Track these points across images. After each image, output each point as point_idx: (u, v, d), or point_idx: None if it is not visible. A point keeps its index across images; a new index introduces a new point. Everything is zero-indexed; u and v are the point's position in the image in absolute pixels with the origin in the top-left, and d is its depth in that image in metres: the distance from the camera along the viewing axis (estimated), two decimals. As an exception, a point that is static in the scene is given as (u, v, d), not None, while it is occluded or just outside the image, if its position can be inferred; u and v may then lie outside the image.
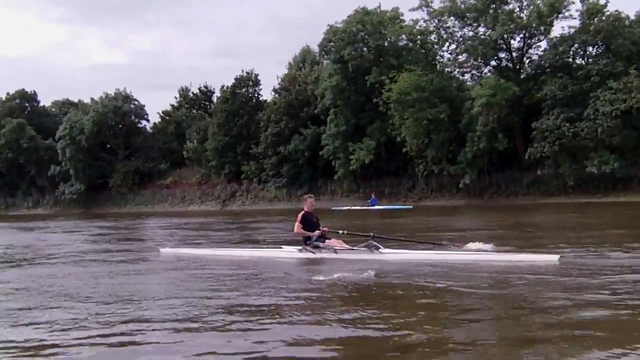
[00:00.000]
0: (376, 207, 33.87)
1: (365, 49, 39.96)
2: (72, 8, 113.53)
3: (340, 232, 10.93)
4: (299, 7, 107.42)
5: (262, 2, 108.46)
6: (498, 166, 37.00)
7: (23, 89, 64.32)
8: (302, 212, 11.01)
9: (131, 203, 53.61)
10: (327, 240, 10.76)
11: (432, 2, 37.94)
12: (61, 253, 14.32)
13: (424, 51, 39.29)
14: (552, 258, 9.23)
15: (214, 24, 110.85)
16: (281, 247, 11.81)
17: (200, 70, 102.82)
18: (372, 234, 10.70)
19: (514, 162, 37.23)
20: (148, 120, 56.98)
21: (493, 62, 38.21)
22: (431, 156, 37.18)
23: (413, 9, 38.42)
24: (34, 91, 64.71)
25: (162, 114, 57.91)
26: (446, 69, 39.16)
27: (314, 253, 10.62)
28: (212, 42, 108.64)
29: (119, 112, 54.06)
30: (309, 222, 10.87)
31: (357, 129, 39.84)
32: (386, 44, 39.65)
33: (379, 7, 40.11)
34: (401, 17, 39.66)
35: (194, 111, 58.37)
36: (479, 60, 37.67)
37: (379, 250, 10.29)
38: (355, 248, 10.52)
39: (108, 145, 56.18)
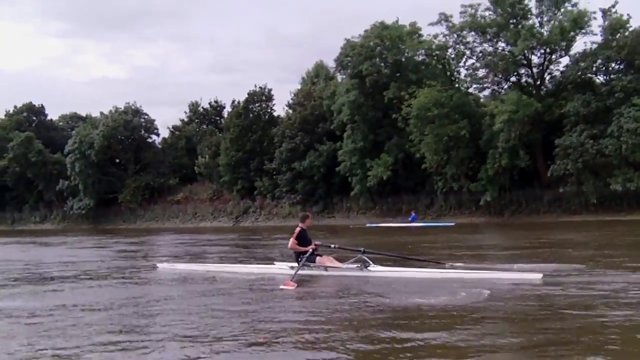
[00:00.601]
0: (416, 224, 33.39)
1: (382, 64, 39.73)
2: (71, 22, 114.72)
3: (332, 246, 11.48)
4: (298, 24, 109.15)
5: (261, 17, 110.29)
6: (518, 183, 36.65)
7: (30, 102, 64.30)
8: (299, 229, 11.43)
9: (141, 219, 53.21)
10: (318, 258, 11.19)
11: (451, 17, 37.84)
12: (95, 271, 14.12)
13: (442, 66, 39.09)
14: (535, 277, 9.70)
15: (212, 39, 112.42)
16: (273, 264, 12.38)
17: (199, 85, 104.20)
18: (362, 249, 11.22)
19: (534, 180, 36.91)
20: (158, 135, 56.85)
21: (513, 78, 37.98)
22: (450, 173, 36.85)
23: (432, 24, 38.30)
24: (42, 104, 64.78)
25: (171, 129, 57.69)
26: (465, 85, 38.94)
27: (306, 268, 11.04)
28: (210, 58, 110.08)
29: (129, 126, 53.80)
30: (304, 239, 11.35)
31: (374, 145, 39.58)
32: (404, 59, 39.42)
33: (397, 21, 39.96)
34: (419, 32, 39.40)
35: (204, 126, 58.23)
36: (499, 76, 37.43)
37: (368, 267, 10.72)
38: (344, 266, 11.01)
39: (117, 160, 55.87)
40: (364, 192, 40.12)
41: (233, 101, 51.61)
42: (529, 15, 36.28)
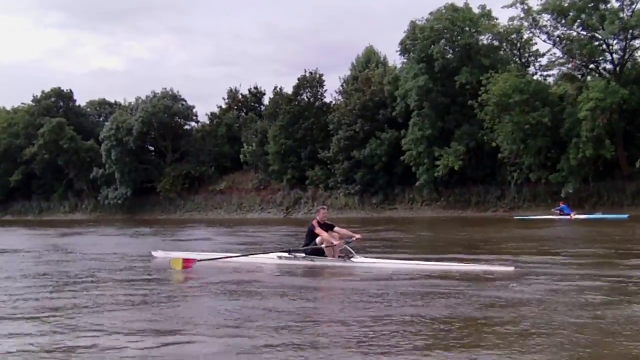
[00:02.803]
0: (577, 216, 29.37)
1: (451, 47, 38.65)
2: (70, 14, 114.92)
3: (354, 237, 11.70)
4: (297, 18, 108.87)
5: (260, 12, 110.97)
6: (598, 175, 35.66)
7: (59, 87, 63.27)
8: (316, 221, 11.69)
9: (181, 209, 52.25)
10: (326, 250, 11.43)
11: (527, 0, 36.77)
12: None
13: (517, 51, 38.02)
14: (507, 268, 9.96)
15: (211, 32, 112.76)
16: (268, 253, 12.64)
17: (198, 78, 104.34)
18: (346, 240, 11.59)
19: (615, 170, 35.91)
20: (197, 122, 55.74)
21: (592, 65, 36.92)
22: (527, 163, 35.81)
23: (506, 6, 37.20)
24: (70, 90, 63.65)
25: (210, 116, 56.58)
26: (542, 71, 38.00)
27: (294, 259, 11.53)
28: (209, 51, 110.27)
29: (169, 112, 52.70)
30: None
31: (442, 133, 38.55)
32: (476, 42, 38.29)
33: (466, 3, 38.78)
34: (491, 15, 38.33)
35: (243, 113, 57.17)
36: (579, 62, 36.37)
37: (351, 258, 11.09)
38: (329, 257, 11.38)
39: (155, 148, 54.84)
40: (430, 182, 39.08)
41: (275, 87, 50.91)
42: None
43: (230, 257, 11.96)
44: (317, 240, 11.42)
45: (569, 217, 29.35)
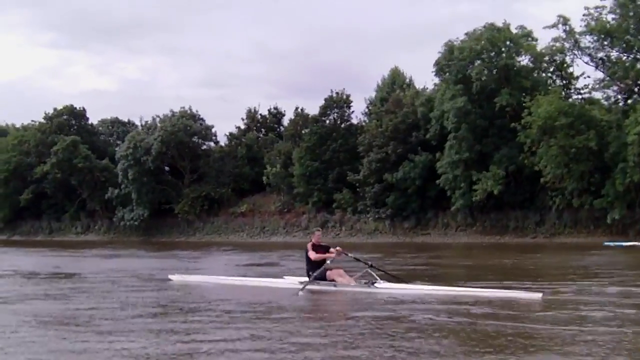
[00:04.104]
0: None
1: (489, 69, 38.17)
2: (62, 33, 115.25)
3: (349, 255, 12.87)
4: (288, 39, 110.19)
5: (251, 32, 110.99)
6: (641, 201, 35.01)
7: (71, 105, 62.46)
8: (310, 244, 12.62)
9: (200, 232, 51.35)
10: (328, 272, 12.03)
11: (569, 21, 36.50)
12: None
13: (559, 73, 37.63)
14: (534, 296, 10.33)
15: (202, 53, 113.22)
16: (283, 278, 13.57)
17: (189, 99, 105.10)
18: (370, 263, 12.47)
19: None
20: (216, 143, 55.03)
21: (636, 88, 36.50)
22: (571, 188, 35.14)
23: (548, 27, 36.97)
24: (83, 107, 62.91)
25: (229, 136, 55.92)
26: (584, 94, 37.66)
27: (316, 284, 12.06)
28: (200, 72, 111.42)
29: (189, 131, 52.03)
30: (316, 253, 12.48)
31: (480, 157, 37.91)
32: (516, 63, 37.88)
33: (505, 22, 38.40)
34: (531, 36, 37.98)
35: (261, 134, 56.60)
36: (624, 85, 35.94)
37: (375, 284, 11.58)
38: (353, 282, 11.91)
39: (173, 168, 53.95)
40: (466, 207, 38.37)
41: (296, 108, 50.40)
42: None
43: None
44: (312, 257, 12.25)
45: None
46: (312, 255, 12.29)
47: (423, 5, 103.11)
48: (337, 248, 12.61)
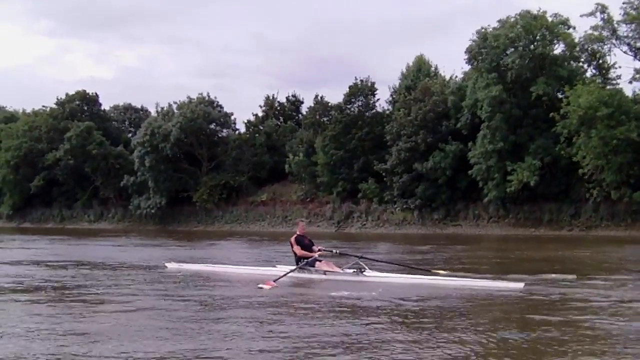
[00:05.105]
0: None
1: (524, 57, 37.63)
2: (60, 21, 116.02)
3: (334, 251, 13.51)
4: (287, 31, 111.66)
5: (250, 24, 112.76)
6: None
7: (84, 91, 61.91)
8: (295, 236, 13.29)
9: (219, 221, 50.94)
10: (317, 263, 12.75)
11: (607, 9, 36.04)
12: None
13: (597, 62, 37.18)
14: (516, 286, 10.92)
15: (201, 43, 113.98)
16: (275, 267, 14.06)
17: (187, 89, 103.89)
18: (360, 255, 13.36)
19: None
20: (235, 130, 54.44)
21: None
22: (609, 180, 34.75)
23: (585, 15, 36.48)
24: (96, 93, 62.34)
25: (247, 124, 55.40)
26: (617, 84, 37.22)
27: (306, 272, 12.76)
28: (199, 61, 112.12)
29: (209, 118, 51.46)
30: (301, 244, 13.14)
31: (514, 147, 37.49)
32: (552, 52, 37.41)
33: (540, 10, 37.85)
34: (568, 24, 37.48)
35: (279, 122, 56.10)
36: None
37: (364, 273, 12.16)
38: (342, 271, 12.47)
39: (191, 156, 53.37)
40: (499, 198, 37.99)
41: (316, 96, 49.94)
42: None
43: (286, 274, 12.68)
44: (298, 253, 13.01)
45: None
46: (298, 250, 12.97)
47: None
48: (319, 248, 13.25)
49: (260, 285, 11.30)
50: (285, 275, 12.24)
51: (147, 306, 9.75)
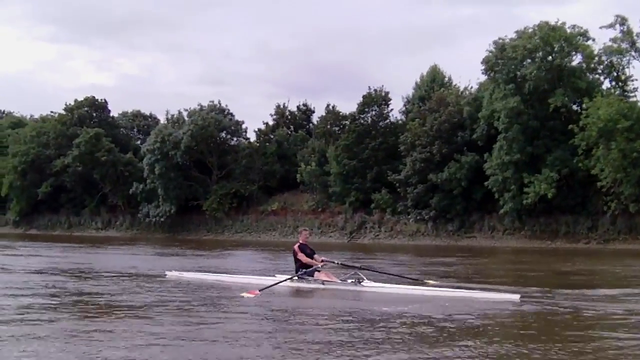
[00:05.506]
0: None
1: (542, 68, 37.55)
2: (61, 27, 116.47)
3: (336, 262, 13.44)
4: (288, 39, 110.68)
5: (251, 31, 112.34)
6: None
7: (93, 97, 61.81)
8: (298, 244, 13.41)
9: (229, 230, 50.76)
10: (316, 273, 12.87)
11: (627, 21, 36.00)
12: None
13: (616, 74, 37.11)
14: (513, 297, 11.05)
15: (202, 50, 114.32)
16: (275, 276, 14.07)
17: (187, 97, 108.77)
18: (359, 265, 13.70)
19: None
20: (246, 139, 54.35)
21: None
22: (627, 193, 34.57)
23: (604, 27, 36.46)
24: (105, 99, 62.27)
25: (258, 132, 55.30)
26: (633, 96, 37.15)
27: (305, 282, 12.92)
28: (200, 69, 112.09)
29: (220, 126, 51.35)
30: (304, 253, 13.20)
31: (531, 159, 37.33)
32: (569, 63, 37.34)
33: (558, 21, 37.78)
34: (588, 35, 37.41)
35: (289, 130, 56.01)
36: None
37: (362, 283, 12.33)
38: (340, 281, 12.72)
39: (201, 164, 53.21)
40: (515, 210, 37.79)
41: (327, 105, 49.93)
42: None
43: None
44: (303, 260, 13.03)
45: None
46: (303, 258, 13.07)
47: (424, 8, 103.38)
48: (322, 259, 13.27)
49: (243, 294, 11.38)
50: (275, 284, 12.46)
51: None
